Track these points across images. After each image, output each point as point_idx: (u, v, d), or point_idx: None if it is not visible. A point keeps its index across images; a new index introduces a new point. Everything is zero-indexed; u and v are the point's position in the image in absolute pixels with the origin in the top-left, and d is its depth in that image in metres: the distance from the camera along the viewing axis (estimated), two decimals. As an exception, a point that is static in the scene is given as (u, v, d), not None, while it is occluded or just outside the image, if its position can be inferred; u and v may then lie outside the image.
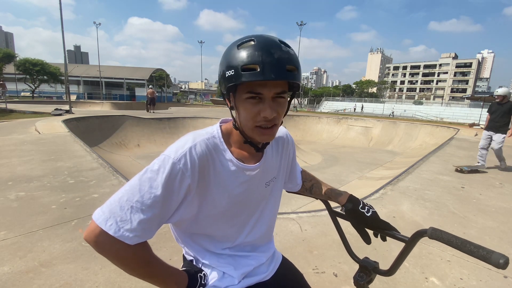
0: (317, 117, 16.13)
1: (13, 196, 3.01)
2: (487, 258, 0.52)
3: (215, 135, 0.70)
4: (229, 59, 0.63)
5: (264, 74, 0.58)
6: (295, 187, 0.99)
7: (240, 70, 0.60)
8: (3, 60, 28.16)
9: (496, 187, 4.27)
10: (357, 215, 0.84)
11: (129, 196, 0.59)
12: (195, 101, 50.48)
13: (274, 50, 0.60)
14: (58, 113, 11.39)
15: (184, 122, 11.43)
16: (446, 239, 0.60)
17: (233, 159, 0.70)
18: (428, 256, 2.22)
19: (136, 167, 6.62)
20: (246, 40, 0.63)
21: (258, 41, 0.61)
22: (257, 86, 0.61)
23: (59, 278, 1.78)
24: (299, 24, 33.88)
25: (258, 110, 0.63)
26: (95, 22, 39.79)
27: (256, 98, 0.62)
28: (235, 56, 0.61)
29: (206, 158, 0.65)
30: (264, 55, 0.59)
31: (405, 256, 0.71)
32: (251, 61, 0.59)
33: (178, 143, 0.65)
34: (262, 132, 0.66)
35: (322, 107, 45.74)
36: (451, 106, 41.48)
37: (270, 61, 0.59)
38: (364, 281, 0.79)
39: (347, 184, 6.23)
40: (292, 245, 2.36)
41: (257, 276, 0.82)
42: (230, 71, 0.61)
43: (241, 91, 0.63)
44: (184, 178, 0.61)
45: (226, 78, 0.62)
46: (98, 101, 26.10)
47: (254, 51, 0.60)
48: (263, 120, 0.64)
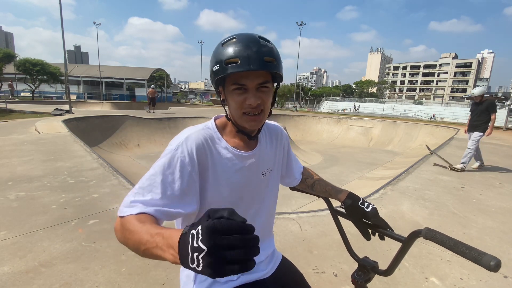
0: (317, 117, 16.12)
1: (13, 196, 3.01)
2: (478, 260, 0.52)
3: (210, 127, 0.77)
4: (215, 55, 0.70)
5: (244, 66, 0.65)
6: (293, 182, 1.02)
7: (224, 64, 0.67)
8: (3, 60, 28.12)
9: (496, 187, 4.26)
10: (356, 210, 0.85)
11: (141, 185, 0.66)
12: (195, 101, 50.50)
13: (253, 44, 0.67)
14: (58, 113, 11.39)
15: (184, 122, 11.43)
16: (440, 240, 0.61)
17: (229, 146, 0.76)
18: (428, 256, 2.22)
19: (136, 167, 6.62)
20: (229, 38, 0.70)
21: (239, 38, 0.69)
22: (241, 77, 0.68)
23: (59, 278, 1.78)
24: (299, 24, 33.85)
25: (243, 99, 0.70)
26: (95, 22, 39.72)
27: (241, 89, 0.69)
28: (220, 53, 0.69)
29: (203, 146, 0.71)
30: (244, 49, 0.66)
31: (402, 256, 0.72)
32: (232, 55, 0.66)
33: (175, 138, 0.73)
34: (249, 118, 0.72)
35: (322, 107, 45.72)
36: (451, 106, 41.46)
37: (249, 54, 0.66)
38: (362, 280, 0.79)
39: (347, 184, 6.23)
40: (292, 245, 2.36)
41: (256, 273, 0.83)
42: (216, 66, 0.69)
43: (228, 84, 0.70)
44: (184, 165, 0.67)
45: (214, 72, 0.70)
46: (98, 101, 26.09)
47: (235, 46, 0.67)
48: (248, 107, 0.70)
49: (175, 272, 1.90)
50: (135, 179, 4.45)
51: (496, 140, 9.90)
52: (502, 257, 2.27)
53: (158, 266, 1.96)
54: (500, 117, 24.29)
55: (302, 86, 64.03)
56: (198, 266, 0.39)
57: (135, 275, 1.86)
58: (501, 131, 14.61)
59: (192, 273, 0.80)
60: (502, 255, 2.30)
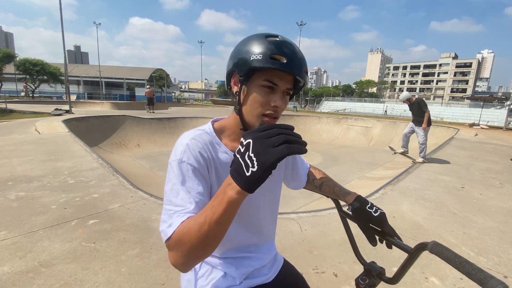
0: (317, 117, 16.12)
1: (13, 196, 3.01)
2: (484, 283, 0.51)
3: (207, 131, 0.74)
4: (257, 45, 0.66)
5: (289, 67, 0.64)
6: (300, 185, 0.99)
7: (269, 57, 0.64)
8: (3, 60, 28.13)
9: (496, 187, 4.26)
10: (364, 214, 0.82)
11: (169, 207, 0.63)
12: (195, 101, 50.48)
13: (297, 50, 0.67)
14: (58, 113, 11.39)
15: (184, 122, 11.42)
16: (445, 256, 0.59)
17: (228, 151, 0.73)
18: (428, 256, 2.21)
19: (136, 167, 6.62)
20: (272, 34, 0.68)
21: (283, 39, 0.67)
22: (276, 76, 0.66)
23: (59, 278, 1.77)
24: (299, 24, 33.85)
25: (269, 99, 0.67)
26: (95, 22, 39.76)
27: (271, 89, 0.67)
28: (265, 45, 0.66)
29: (204, 150, 0.68)
30: (291, 51, 0.65)
31: (408, 266, 0.70)
32: (280, 52, 0.64)
33: (175, 147, 0.69)
34: (267, 121, 0.69)
35: (322, 107, 45.70)
36: (451, 106, 41.41)
37: (295, 58, 0.65)
38: (366, 285, 0.77)
39: (347, 184, 6.23)
40: (292, 245, 2.36)
41: (259, 277, 0.82)
42: (258, 56, 0.65)
43: (258, 78, 0.67)
44: (195, 170, 0.65)
45: (251, 60, 0.65)
46: (98, 101, 26.09)
47: (282, 45, 0.65)
48: (272, 109, 0.68)
49: (175, 272, 1.90)
50: (135, 179, 4.45)
51: (496, 140, 9.90)
52: (502, 257, 2.27)
53: (158, 266, 1.96)
54: (500, 117, 24.31)
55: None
56: (254, 166, 0.47)
57: (135, 275, 1.86)
58: (501, 131, 14.59)
59: (193, 278, 0.79)
60: (502, 255, 2.30)
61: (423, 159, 6.08)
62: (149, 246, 2.21)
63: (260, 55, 0.65)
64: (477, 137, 10.56)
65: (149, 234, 2.40)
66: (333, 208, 3.17)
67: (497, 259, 2.24)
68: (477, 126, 15.82)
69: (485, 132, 13.26)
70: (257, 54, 0.65)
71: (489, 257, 2.26)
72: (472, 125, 16.25)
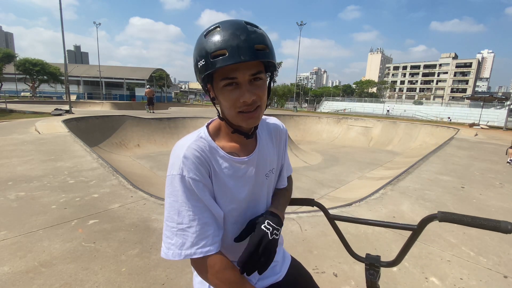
0: (317, 117, 16.12)
1: (13, 196, 3.01)
2: (497, 228, 0.59)
3: (202, 136, 0.70)
4: (198, 49, 0.62)
5: (234, 57, 0.58)
6: (280, 186, 0.91)
7: (210, 58, 0.59)
8: (3, 60, 28.16)
9: (496, 187, 4.26)
10: None
11: (171, 224, 0.64)
12: (195, 101, 50.48)
13: (240, 31, 0.60)
14: (58, 113, 11.39)
15: (184, 122, 11.42)
16: (458, 219, 0.65)
17: (226, 155, 0.70)
18: (428, 256, 2.22)
19: (136, 167, 6.62)
20: (212, 27, 0.63)
21: (223, 25, 0.61)
22: (230, 71, 0.61)
23: (59, 278, 1.77)
24: (299, 24, 33.85)
25: (236, 96, 0.62)
26: (95, 22, 39.74)
27: (232, 85, 0.62)
28: (204, 45, 0.61)
29: (203, 157, 0.66)
30: (231, 38, 0.59)
31: (411, 244, 0.72)
32: (219, 47, 0.59)
33: (172, 159, 0.67)
34: (246, 116, 0.65)
35: (322, 107, 45.70)
36: (451, 106, 41.42)
37: (237, 43, 0.58)
38: (376, 279, 0.76)
39: (347, 184, 6.23)
40: (292, 245, 2.36)
41: (273, 276, 0.82)
42: (202, 61, 0.61)
43: (217, 80, 0.63)
44: (196, 182, 0.64)
45: (199, 68, 0.62)
46: (98, 101, 26.09)
47: (220, 36, 0.59)
48: (243, 105, 0.63)
49: (175, 272, 1.90)
50: (135, 179, 4.45)
51: (496, 140, 9.91)
52: (502, 257, 2.27)
53: (158, 266, 1.96)
54: (500, 117, 24.30)
55: (302, 86, 63.96)
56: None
57: (135, 275, 1.86)
58: (501, 131, 14.59)
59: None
60: (502, 255, 2.30)
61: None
62: (149, 246, 2.21)
63: (203, 60, 0.61)
64: (477, 137, 10.57)
65: (149, 234, 2.40)
66: (333, 208, 3.17)
67: (497, 259, 2.24)
68: (477, 126, 15.83)
69: (485, 132, 13.27)
70: (200, 60, 0.61)
71: (489, 257, 2.25)
72: (472, 125, 16.26)
